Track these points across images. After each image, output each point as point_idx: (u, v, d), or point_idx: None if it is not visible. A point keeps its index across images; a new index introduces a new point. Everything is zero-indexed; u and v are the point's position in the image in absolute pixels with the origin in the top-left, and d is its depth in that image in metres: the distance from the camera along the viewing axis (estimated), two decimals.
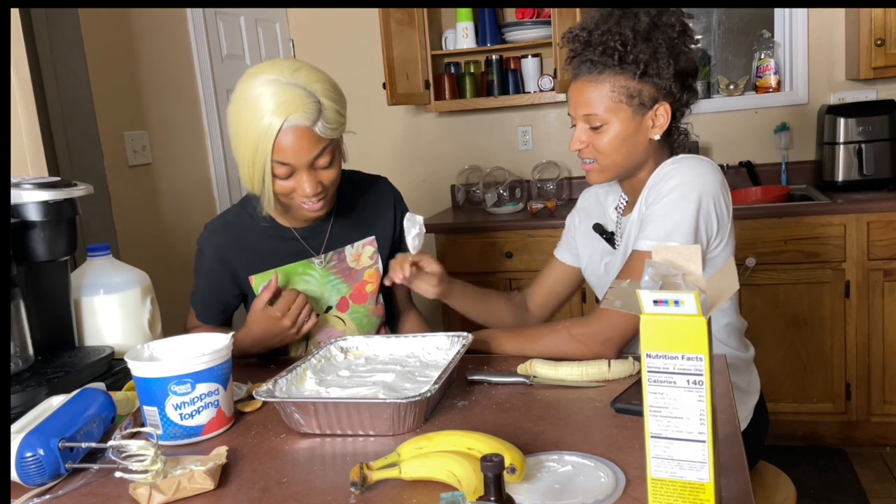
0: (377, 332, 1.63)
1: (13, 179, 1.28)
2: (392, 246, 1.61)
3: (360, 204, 1.60)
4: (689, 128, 1.47)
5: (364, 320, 1.59)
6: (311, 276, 1.55)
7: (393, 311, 1.71)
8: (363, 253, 1.58)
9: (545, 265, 1.70)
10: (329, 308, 1.57)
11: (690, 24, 1.40)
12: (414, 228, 1.41)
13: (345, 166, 1.62)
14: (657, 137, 1.39)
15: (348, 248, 1.57)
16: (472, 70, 3.43)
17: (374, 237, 1.59)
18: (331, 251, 1.56)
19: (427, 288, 1.45)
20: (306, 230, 1.55)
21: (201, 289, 1.59)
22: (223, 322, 1.62)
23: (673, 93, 1.37)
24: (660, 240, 1.30)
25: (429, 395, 1.04)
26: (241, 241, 1.54)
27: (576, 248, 1.63)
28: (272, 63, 1.36)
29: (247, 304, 1.59)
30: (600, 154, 1.40)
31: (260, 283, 1.53)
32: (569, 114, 1.44)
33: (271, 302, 1.42)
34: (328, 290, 1.56)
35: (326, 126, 1.32)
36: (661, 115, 1.38)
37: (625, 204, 1.52)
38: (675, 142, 1.45)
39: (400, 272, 1.40)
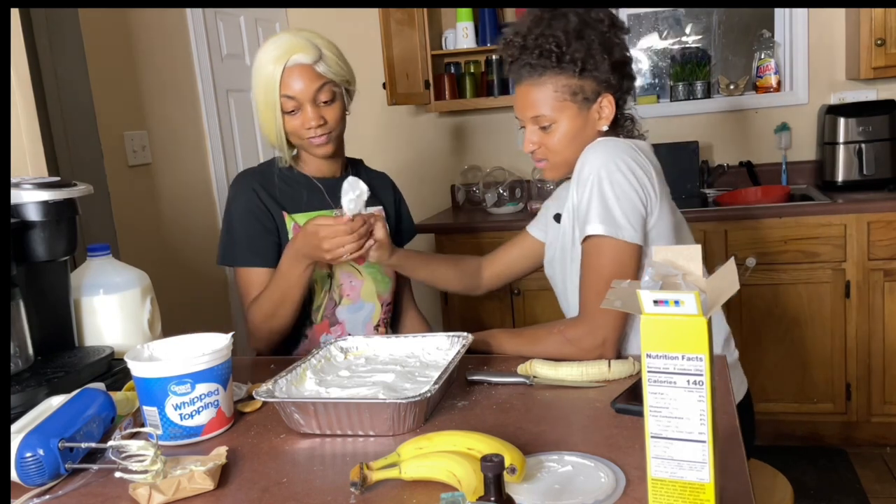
0: (389, 304, 1.69)
1: (13, 179, 1.28)
2: (391, 228, 1.67)
3: (367, 181, 1.64)
4: (634, 112, 1.50)
5: (378, 276, 1.65)
6: None
7: (399, 298, 1.76)
8: None
9: (513, 238, 1.72)
10: None
11: (616, 15, 1.44)
12: (352, 192, 1.38)
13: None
14: (605, 128, 1.43)
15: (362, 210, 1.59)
16: (472, 70, 3.43)
17: (381, 207, 1.70)
18: None
19: (371, 252, 1.43)
20: (328, 181, 1.63)
21: (245, 228, 1.57)
22: (274, 263, 1.57)
23: (613, 84, 1.41)
24: (583, 225, 1.32)
25: (429, 395, 1.04)
26: (269, 183, 1.61)
27: (546, 228, 1.65)
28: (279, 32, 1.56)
29: (281, 244, 1.58)
30: (552, 153, 1.43)
31: (291, 221, 1.59)
32: (516, 117, 1.47)
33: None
34: None
35: (327, 67, 1.50)
36: (606, 106, 1.41)
37: None
38: (623, 129, 1.48)
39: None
